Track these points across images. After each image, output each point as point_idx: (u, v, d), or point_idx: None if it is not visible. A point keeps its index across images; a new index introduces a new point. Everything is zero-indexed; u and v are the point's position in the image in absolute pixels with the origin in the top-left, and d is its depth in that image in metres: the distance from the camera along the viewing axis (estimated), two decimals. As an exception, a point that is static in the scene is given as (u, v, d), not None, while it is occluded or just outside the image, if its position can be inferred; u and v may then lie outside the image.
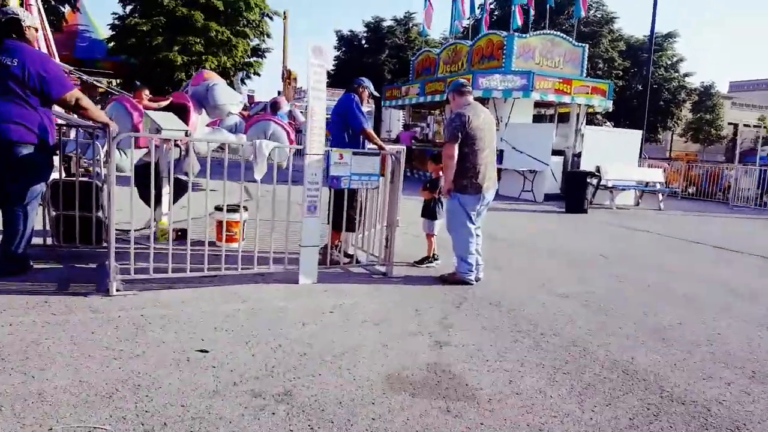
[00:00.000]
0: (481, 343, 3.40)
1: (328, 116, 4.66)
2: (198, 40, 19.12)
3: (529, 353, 3.30)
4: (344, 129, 4.95)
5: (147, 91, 7.32)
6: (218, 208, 5.41)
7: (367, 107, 27.19)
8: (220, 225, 5.40)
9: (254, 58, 25.25)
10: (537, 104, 15.47)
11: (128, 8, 21.06)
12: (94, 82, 10.49)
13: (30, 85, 3.79)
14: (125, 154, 6.64)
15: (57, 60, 10.27)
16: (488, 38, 14.86)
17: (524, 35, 14.39)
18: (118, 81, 19.42)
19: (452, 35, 20.84)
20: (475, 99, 5.13)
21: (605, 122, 30.28)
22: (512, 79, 13.44)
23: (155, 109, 7.22)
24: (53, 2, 19.89)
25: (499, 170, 13.64)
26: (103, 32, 21.93)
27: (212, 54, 19.67)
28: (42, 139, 3.94)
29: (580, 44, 15.38)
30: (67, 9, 20.81)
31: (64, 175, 4.90)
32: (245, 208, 5.60)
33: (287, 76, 29.34)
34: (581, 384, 2.91)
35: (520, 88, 13.37)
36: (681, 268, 6.16)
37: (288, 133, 10.20)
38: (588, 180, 10.85)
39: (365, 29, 35.15)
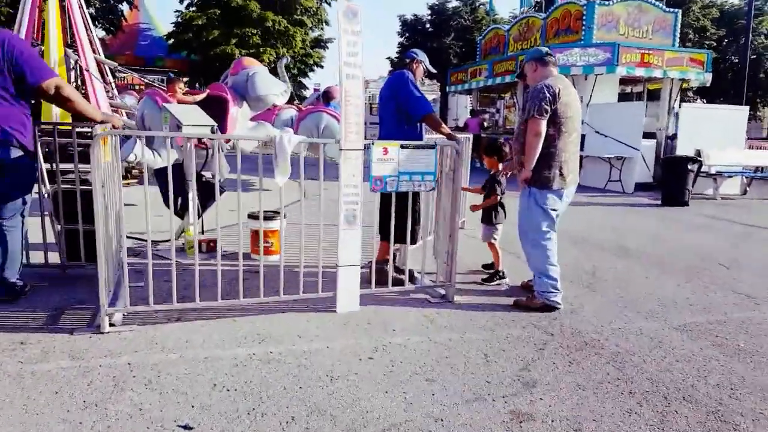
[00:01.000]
0: (579, 416, 2.38)
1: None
2: (255, 31, 18.72)
3: (653, 437, 2.25)
4: (397, 115, 4.01)
5: (182, 84, 6.70)
6: (252, 216, 4.65)
7: (432, 94, 26.02)
8: (255, 235, 4.64)
9: (316, 49, 24.76)
10: (622, 81, 13.76)
11: (185, 2, 21.00)
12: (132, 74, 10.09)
13: (4, 69, 3.15)
14: (159, 154, 6.07)
15: (102, 57, 10.03)
16: (565, 8, 13.30)
17: (606, 2, 12.72)
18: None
19: (523, 9, 19.23)
20: None
21: (696, 99, 27.38)
22: (594, 53, 11.89)
23: (190, 104, 6.62)
24: (112, 1, 20.20)
25: (581, 157, 12.22)
26: (164, 30, 22.16)
27: (270, 46, 19.22)
28: (24, 141, 3.30)
29: (671, 10, 13.48)
30: (125, 8, 21.11)
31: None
32: (284, 215, 4.81)
33: None
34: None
35: (604, 63, 11.80)
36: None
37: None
38: (689, 167, 9.25)
39: (429, 12, 33.80)
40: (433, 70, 4.25)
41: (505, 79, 14.16)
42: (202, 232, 5.01)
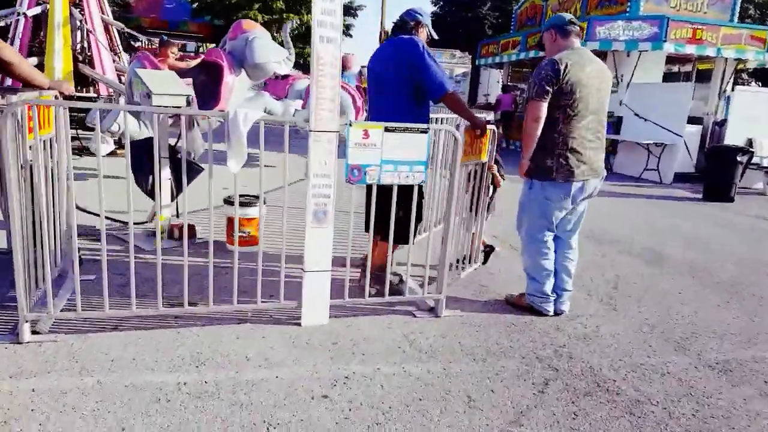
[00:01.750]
0: (575, 505, 1.80)
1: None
2: (277, -6, 18.00)
3: None
4: (405, 92, 3.27)
5: (175, 49, 6.16)
6: (228, 201, 4.13)
7: (463, 67, 24.83)
8: (230, 223, 4.13)
9: (346, 18, 23.88)
10: (670, 59, 12.62)
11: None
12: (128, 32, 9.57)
13: None
14: (146, 125, 5.59)
15: (110, 17, 9.53)
16: (610, -23, 12.16)
17: (658, -28, 11.55)
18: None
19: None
20: (591, 52, 3.37)
21: (752, 82, 25.51)
22: (639, 27, 10.81)
23: (182, 69, 6.08)
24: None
25: (615, 142, 11.35)
26: (191, -8, 21.64)
27: (294, 12, 18.47)
28: None
29: (732, -19, 12.20)
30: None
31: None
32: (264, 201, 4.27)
33: (385, 38, 27.78)
34: None
35: (650, 38, 10.71)
36: None
37: (354, 99, 8.79)
38: (738, 158, 8.31)
39: (466, -20, 32.26)
40: (436, 36, 3.56)
41: (539, 53, 13.11)
42: (177, 216, 4.52)
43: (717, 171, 8.38)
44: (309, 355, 2.64)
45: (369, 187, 3.15)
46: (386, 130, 2.86)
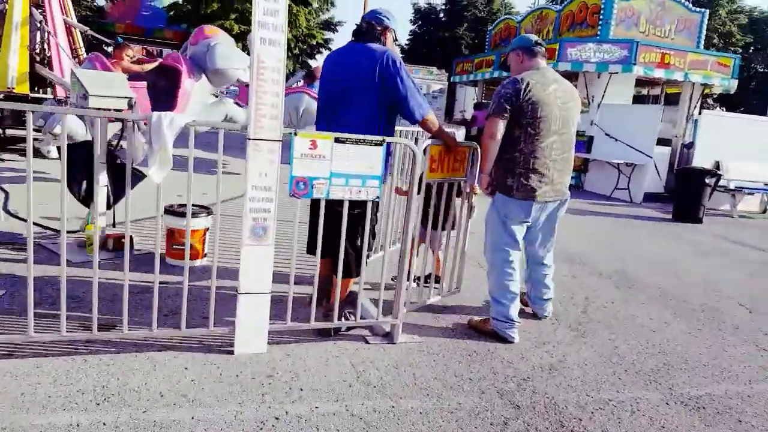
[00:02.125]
0: None
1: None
2: (255, 7, 17.68)
3: None
4: (379, 107, 2.94)
5: (131, 51, 5.83)
6: (170, 210, 3.80)
7: (440, 84, 24.96)
8: (170, 236, 3.79)
9: (326, 32, 23.78)
10: (639, 82, 12.75)
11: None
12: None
13: None
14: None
15: (73, 20, 9.15)
16: (582, 1, 12.27)
17: (628, -4, 11.71)
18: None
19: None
20: (563, 73, 3.32)
21: (716, 107, 26.21)
22: (610, 50, 10.89)
23: (137, 72, 5.75)
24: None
25: (586, 161, 11.35)
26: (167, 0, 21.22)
27: (270, 22, 18.18)
28: None
29: (698, 9, 12.45)
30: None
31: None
32: (208, 211, 3.95)
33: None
34: None
35: (620, 61, 10.79)
36: None
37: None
38: (707, 180, 8.30)
39: (444, 1, 32.66)
40: (400, 41, 3.33)
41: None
42: (114, 225, 4.17)
43: (686, 192, 8.36)
44: (237, 391, 2.32)
45: (314, 204, 2.80)
46: (336, 141, 2.59)
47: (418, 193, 3.01)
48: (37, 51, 7.72)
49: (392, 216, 3.95)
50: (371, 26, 3.05)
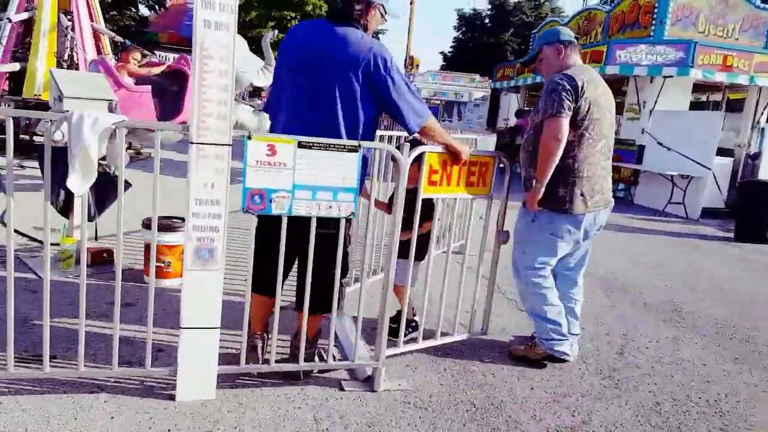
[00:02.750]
0: None
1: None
2: (294, 15, 17.69)
3: None
4: (364, 103, 2.35)
5: (137, 54, 5.59)
6: (147, 225, 3.43)
7: (482, 91, 24.21)
8: (147, 252, 3.42)
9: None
10: (697, 87, 11.73)
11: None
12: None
13: None
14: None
15: (102, 26, 9.16)
16: (633, 0, 11.42)
17: (685, -6, 10.78)
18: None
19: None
20: (611, 78, 2.90)
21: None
22: (664, 51, 10.00)
23: (143, 76, 5.50)
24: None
25: (637, 172, 10.46)
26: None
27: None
28: None
29: (766, 6, 11.34)
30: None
31: None
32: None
33: (410, 63, 27.18)
34: None
35: (675, 63, 9.88)
36: None
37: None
38: (775, 195, 7.36)
39: (489, 7, 31.95)
40: (386, 19, 2.67)
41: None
42: (96, 239, 3.85)
43: (751, 208, 7.42)
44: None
45: (269, 223, 2.24)
46: (300, 145, 2.13)
47: (408, 210, 2.49)
48: (65, 58, 7.70)
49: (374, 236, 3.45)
50: (348, 3, 2.39)
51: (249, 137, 2.04)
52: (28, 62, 7.42)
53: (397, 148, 2.36)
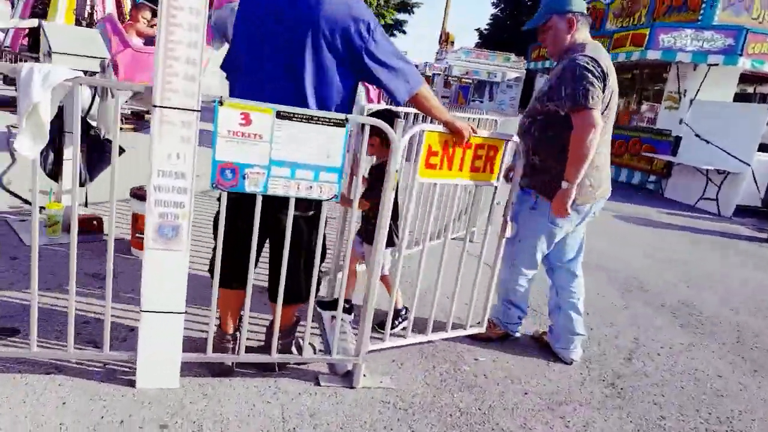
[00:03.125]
0: None
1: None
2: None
3: None
4: (340, 65, 2.01)
5: (148, 13, 5.41)
6: (136, 194, 3.26)
7: (516, 71, 23.40)
8: (135, 222, 3.29)
9: (401, 14, 23.06)
10: (744, 78, 11.02)
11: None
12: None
13: None
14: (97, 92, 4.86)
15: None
16: (682, -20, 10.72)
17: (740, -25, 10.05)
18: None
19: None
20: (652, 63, 2.75)
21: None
22: (711, 38, 9.38)
23: (152, 36, 5.34)
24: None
25: (670, 164, 9.94)
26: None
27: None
28: None
29: (829, -6, 10.51)
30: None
31: None
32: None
33: (445, 39, 26.48)
34: None
35: (723, 51, 9.27)
36: None
37: (368, 90, 7.87)
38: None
39: (531, -17, 30.81)
40: None
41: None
42: (86, 206, 3.75)
43: (790, 210, 6.96)
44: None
45: (238, 201, 2.02)
46: (280, 115, 1.92)
47: (397, 195, 2.28)
48: (84, 16, 7.61)
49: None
50: None
51: (221, 102, 1.85)
52: (47, 18, 7.34)
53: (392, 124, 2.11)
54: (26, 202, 3.84)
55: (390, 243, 2.57)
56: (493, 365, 2.67)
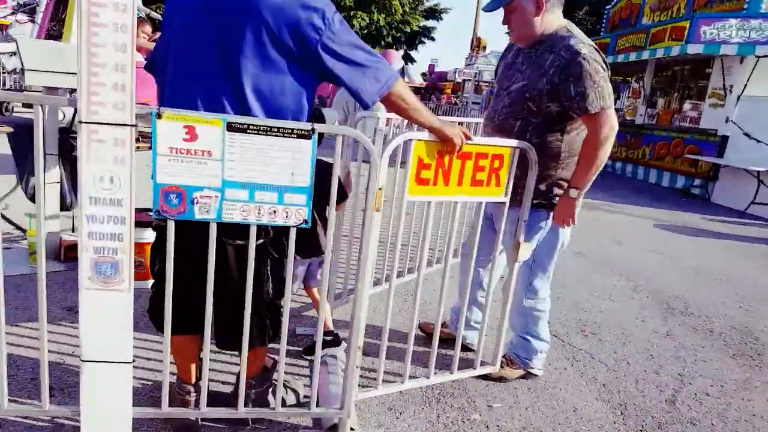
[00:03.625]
0: None
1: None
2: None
3: None
4: (277, 75, 1.64)
5: (148, 28, 5.25)
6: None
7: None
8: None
9: (429, 21, 22.75)
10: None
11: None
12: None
13: None
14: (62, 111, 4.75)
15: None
16: (725, -32, 10.03)
17: (790, -41, 9.30)
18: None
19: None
20: (694, 57, 2.63)
21: None
22: (759, 27, 8.69)
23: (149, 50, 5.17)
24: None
25: (717, 167, 9.23)
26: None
27: (363, 10, 17.39)
28: None
29: None
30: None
31: None
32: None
33: (476, 44, 26.01)
34: None
35: (772, 41, 8.59)
36: None
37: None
38: None
39: (563, -17, 30.02)
40: None
41: (630, 56, 11.22)
42: (73, 230, 3.54)
43: None
44: None
45: (176, 228, 1.68)
46: (231, 128, 1.61)
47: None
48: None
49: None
50: None
51: (159, 115, 1.55)
52: (62, 38, 7.33)
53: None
54: (20, 228, 3.66)
55: (317, 252, 2.28)
56: (509, 413, 2.28)
